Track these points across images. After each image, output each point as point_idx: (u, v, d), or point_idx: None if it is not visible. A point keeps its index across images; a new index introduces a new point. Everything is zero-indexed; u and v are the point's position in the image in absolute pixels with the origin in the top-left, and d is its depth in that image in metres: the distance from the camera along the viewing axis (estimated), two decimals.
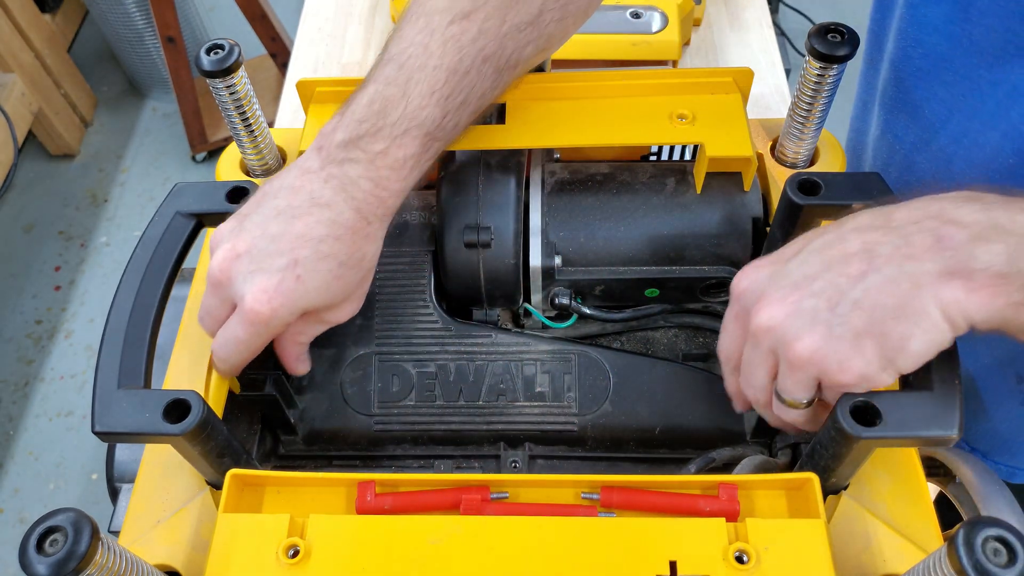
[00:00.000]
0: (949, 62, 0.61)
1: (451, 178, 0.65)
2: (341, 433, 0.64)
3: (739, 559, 0.46)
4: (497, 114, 0.66)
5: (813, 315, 0.46)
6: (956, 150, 0.63)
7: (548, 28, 0.60)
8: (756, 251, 0.65)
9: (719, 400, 0.57)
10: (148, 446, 0.59)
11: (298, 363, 0.60)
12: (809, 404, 0.49)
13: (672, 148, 0.74)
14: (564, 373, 0.63)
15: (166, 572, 0.53)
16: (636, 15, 1.00)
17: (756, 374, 0.50)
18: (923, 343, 0.44)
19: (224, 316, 0.55)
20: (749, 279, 0.50)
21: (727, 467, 0.59)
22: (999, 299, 0.43)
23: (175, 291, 0.59)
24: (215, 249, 0.54)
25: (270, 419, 0.63)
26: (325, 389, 0.64)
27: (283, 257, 0.52)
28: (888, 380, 0.46)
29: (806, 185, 0.58)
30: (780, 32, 2.33)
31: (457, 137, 0.59)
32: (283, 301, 0.52)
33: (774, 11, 2.40)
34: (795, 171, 0.66)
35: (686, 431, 0.62)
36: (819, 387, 0.48)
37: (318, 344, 0.60)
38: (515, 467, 0.63)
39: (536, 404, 0.63)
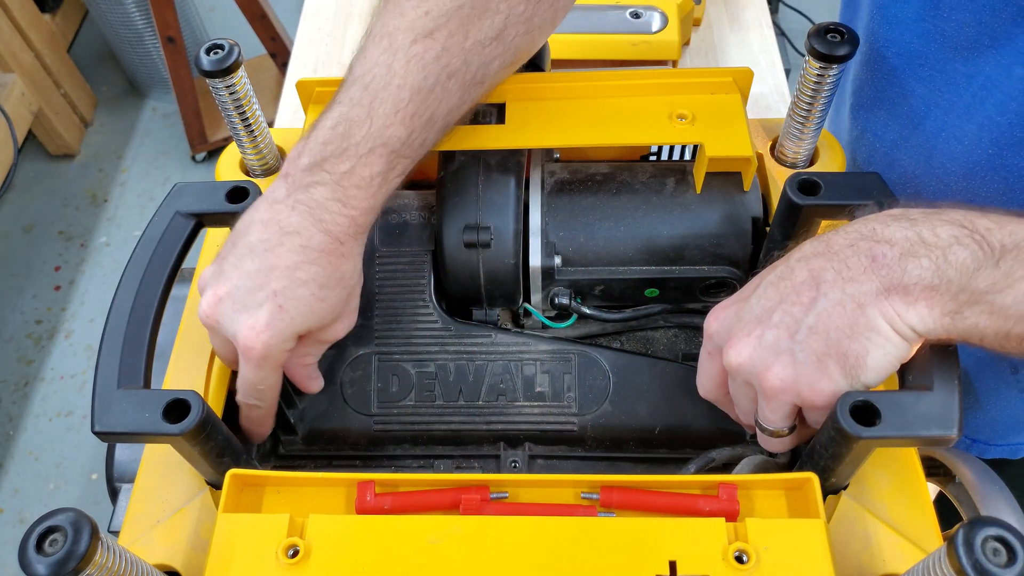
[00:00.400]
0: (923, 58, 0.62)
1: (451, 178, 0.65)
2: (341, 433, 0.64)
3: (739, 559, 0.46)
4: (497, 114, 0.66)
5: (775, 346, 0.48)
6: (936, 144, 0.63)
7: (514, 42, 0.60)
8: (756, 251, 0.65)
9: None
10: (148, 446, 0.59)
11: (310, 382, 0.61)
12: (791, 431, 0.51)
13: (672, 148, 0.74)
14: (564, 373, 0.63)
15: (166, 572, 0.53)
16: (636, 15, 1.00)
17: (743, 404, 0.53)
18: (879, 357, 0.47)
19: (231, 353, 0.56)
20: (718, 320, 0.53)
21: (727, 467, 0.59)
22: (935, 309, 0.45)
23: (175, 291, 0.59)
24: (201, 294, 0.55)
25: None
26: (325, 389, 0.63)
27: (262, 292, 0.53)
28: None
29: (806, 185, 0.58)
30: (780, 32, 2.33)
31: (427, 151, 0.59)
32: (272, 333, 0.53)
33: (774, 11, 2.40)
34: (795, 171, 0.66)
35: (686, 431, 0.62)
36: (799, 414, 0.51)
37: None
38: (515, 467, 0.63)
39: (536, 404, 0.63)
